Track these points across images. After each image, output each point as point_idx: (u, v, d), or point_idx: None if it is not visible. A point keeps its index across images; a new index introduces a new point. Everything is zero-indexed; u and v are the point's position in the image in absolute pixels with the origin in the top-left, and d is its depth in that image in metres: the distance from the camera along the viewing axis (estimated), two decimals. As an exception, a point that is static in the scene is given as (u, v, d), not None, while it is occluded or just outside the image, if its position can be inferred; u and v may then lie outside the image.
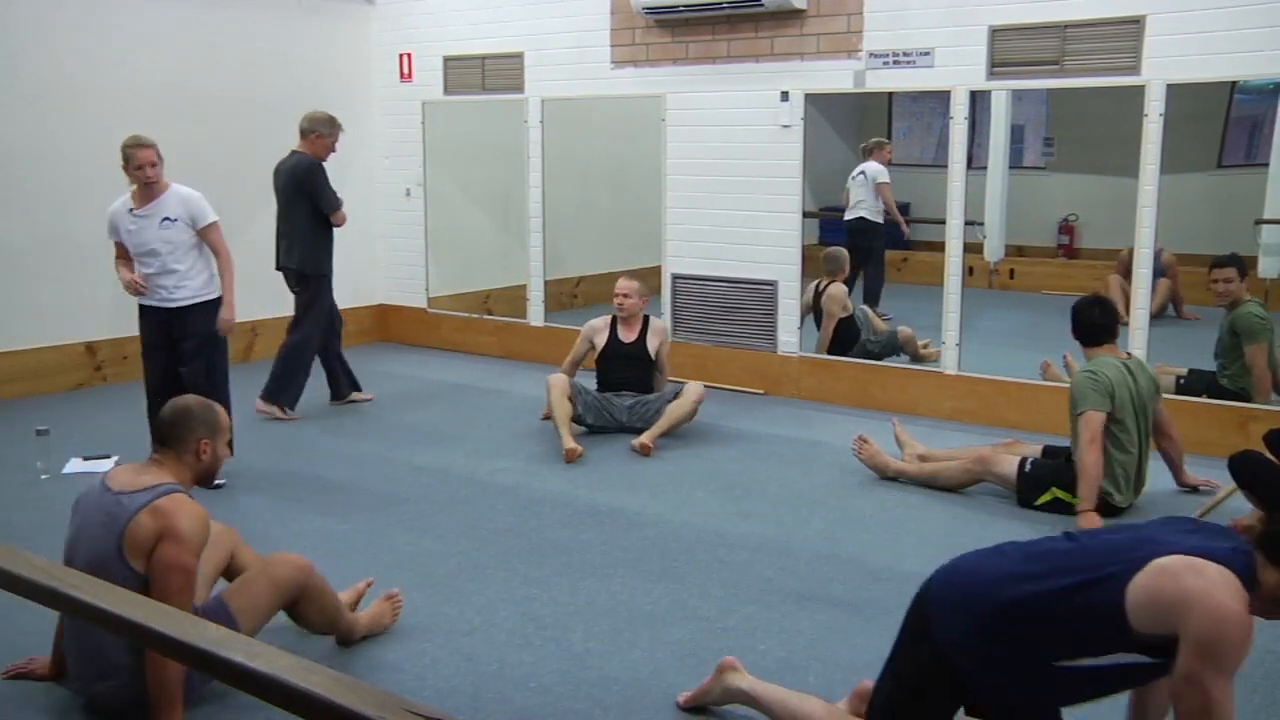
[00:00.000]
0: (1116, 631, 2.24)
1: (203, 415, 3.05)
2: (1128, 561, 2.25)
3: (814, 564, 4.10)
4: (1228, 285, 5.61)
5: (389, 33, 8.33)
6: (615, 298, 5.91)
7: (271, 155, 7.91)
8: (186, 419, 3.03)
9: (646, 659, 3.34)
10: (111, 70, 6.94)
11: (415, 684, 3.18)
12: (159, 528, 2.81)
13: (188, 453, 3.01)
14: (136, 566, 2.82)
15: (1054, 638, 2.32)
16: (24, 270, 6.65)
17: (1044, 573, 2.35)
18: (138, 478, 2.94)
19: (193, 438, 3.02)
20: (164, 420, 3.04)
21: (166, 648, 1.77)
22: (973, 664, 2.41)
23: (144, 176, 4.89)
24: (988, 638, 2.38)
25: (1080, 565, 2.32)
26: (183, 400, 3.12)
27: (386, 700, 1.46)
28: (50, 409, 6.25)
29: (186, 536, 2.82)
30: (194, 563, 2.85)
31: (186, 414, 3.04)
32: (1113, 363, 4.58)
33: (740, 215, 6.84)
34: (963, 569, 2.54)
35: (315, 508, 4.70)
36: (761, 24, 6.61)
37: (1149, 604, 2.20)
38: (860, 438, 5.22)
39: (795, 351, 6.79)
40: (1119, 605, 2.22)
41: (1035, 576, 2.36)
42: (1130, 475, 4.60)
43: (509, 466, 5.33)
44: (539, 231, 7.76)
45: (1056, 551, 2.43)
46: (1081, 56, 5.63)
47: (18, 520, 4.56)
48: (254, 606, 3.10)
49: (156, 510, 2.83)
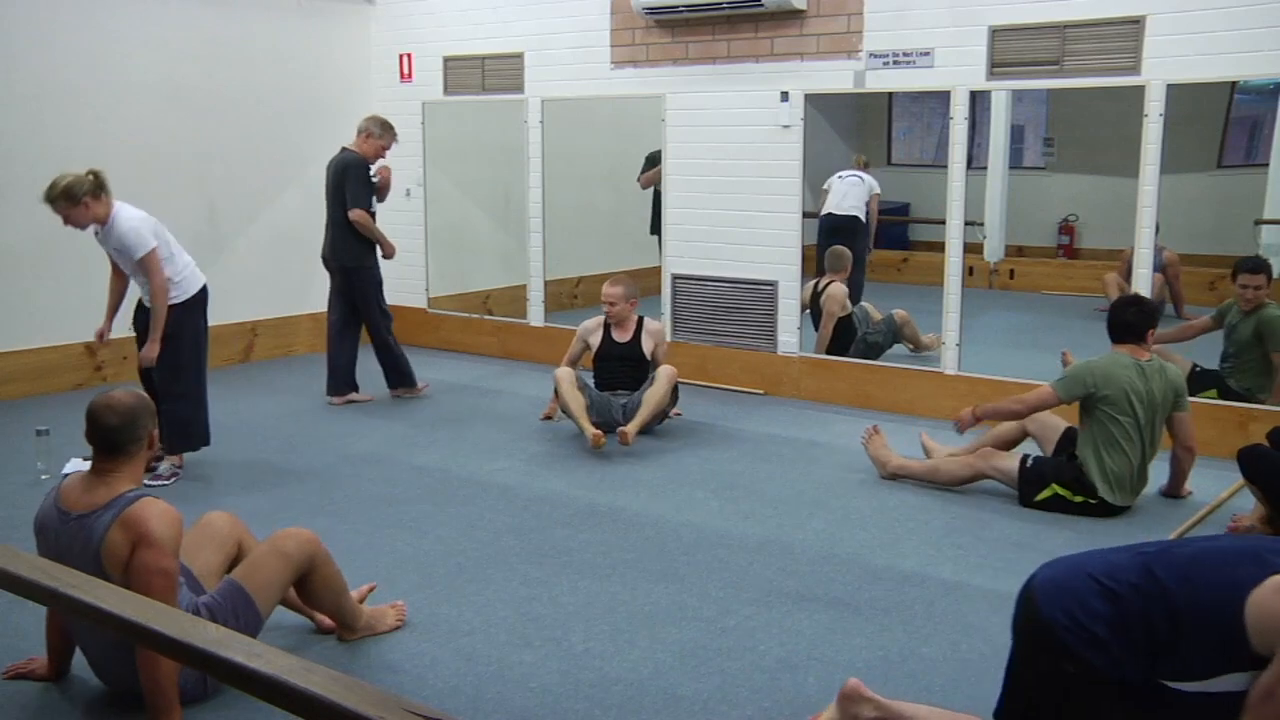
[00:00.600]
0: (1234, 648, 2.12)
1: (143, 405, 2.93)
2: (1244, 576, 2.14)
3: (814, 564, 4.10)
4: (1257, 291, 5.61)
5: (389, 33, 8.33)
6: (602, 304, 5.92)
7: (272, 155, 7.93)
8: (135, 417, 2.89)
9: (646, 659, 3.34)
10: (112, 70, 6.94)
11: (415, 684, 3.18)
12: (131, 538, 2.74)
13: (140, 450, 2.91)
14: (117, 579, 2.73)
15: (1171, 651, 2.20)
16: (24, 271, 6.65)
17: (1157, 587, 2.23)
18: (93, 496, 2.83)
19: (144, 431, 2.92)
20: (111, 426, 2.86)
21: (166, 647, 1.77)
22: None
23: (69, 225, 4.89)
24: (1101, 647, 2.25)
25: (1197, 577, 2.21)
26: (118, 402, 2.90)
27: (386, 700, 1.46)
28: (50, 409, 6.25)
29: (160, 540, 2.75)
30: (173, 564, 2.79)
31: (132, 413, 2.89)
32: (1123, 360, 4.56)
33: (740, 215, 6.84)
34: (1066, 572, 2.39)
35: (315, 507, 4.70)
36: (761, 24, 6.61)
37: (1269, 620, 2.08)
38: (873, 428, 5.24)
39: (795, 352, 6.79)
40: (1238, 621, 2.11)
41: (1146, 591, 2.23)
42: (1124, 476, 4.57)
43: (509, 466, 5.33)
44: (539, 232, 7.76)
45: (1172, 558, 2.29)
46: (1081, 57, 5.63)
47: (18, 520, 4.55)
48: (268, 583, 3.10)
49: (125, 522, 2.76)
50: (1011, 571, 4.01)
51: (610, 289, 5.90)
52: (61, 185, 4.77)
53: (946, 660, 3.33)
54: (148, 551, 2.74)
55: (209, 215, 7.50)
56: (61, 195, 4.76)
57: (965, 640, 3.46)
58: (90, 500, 2.82)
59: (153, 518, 2.76)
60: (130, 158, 7.03)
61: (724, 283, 6.98)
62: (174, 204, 7.31)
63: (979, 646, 3.41)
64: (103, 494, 2.82)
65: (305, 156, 8.11)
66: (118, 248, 4.96)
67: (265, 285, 7.87)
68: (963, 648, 3.41)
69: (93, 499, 2.82)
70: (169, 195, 7.29)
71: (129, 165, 7.02)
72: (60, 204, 4.78)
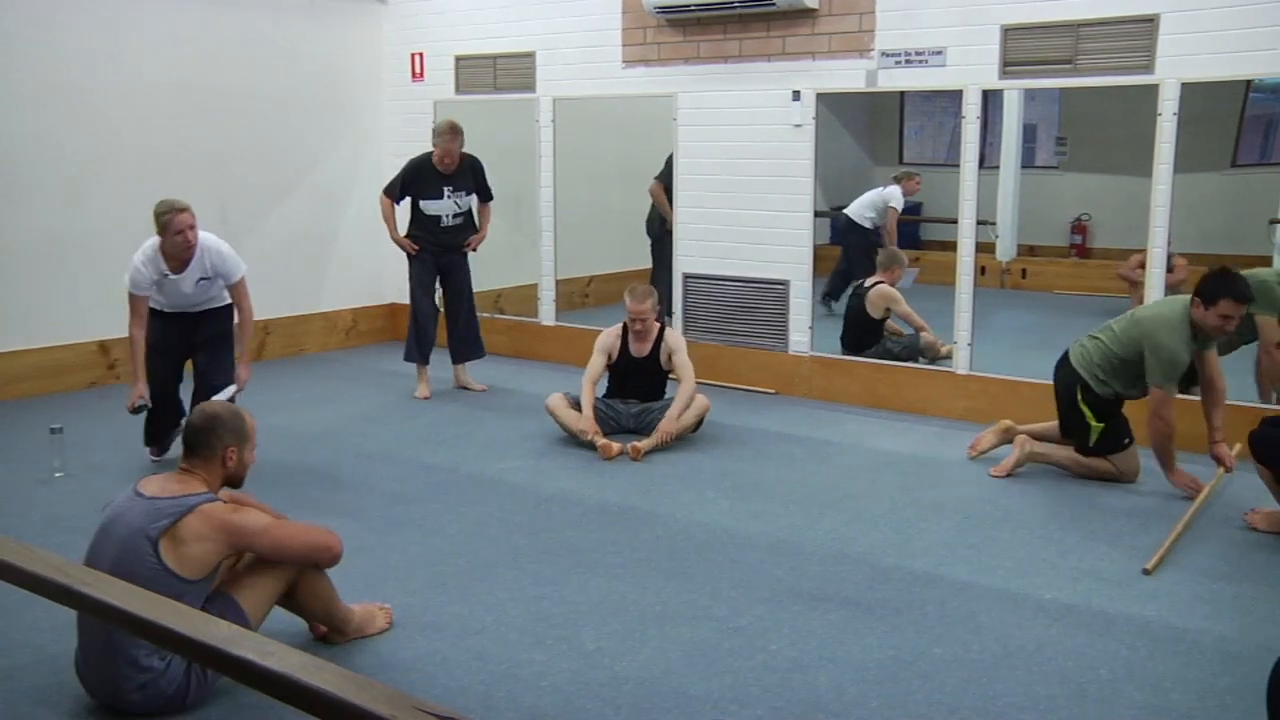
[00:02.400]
0: None
1: (231, 423, 3.11)
2: None
3: (825, 564, 4.10)
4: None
5: (401, 32, 8.34)
6: (632, 321, 5.73)
7: (283, 155, 7.95)
8: (215, 426, 3.09)
9: (658, 658, 3.33)
10: (122, 69, 6.96)
11: (426, 683, 3.18)
12: (214, 528, 2.92)
13: (215, 460, 3.08)
14: (170, 562, 2.87)
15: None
16: (37, 269, 6.68)
17: None
18: (175, 486, 3.01)
19: (220, 445, 3.08)
20: (193, 427, 3.09)
21: (178, 645, 1.77)
22: None
23: (184, 242, 4.85)
24: None
25: None
26: (211, 407, 3.17)
27: (398, 698, 1.46)
28: (64, 407, 6.28)
29: (245, 524, 2.99)
30: (268, 523, 3.05)
31: (215, 421, 3.09)
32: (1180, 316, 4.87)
33: (752, 215, 6.83)
34: None
35: (325, 506, 4.70)
36: (773, 23, 6.60)
37: None
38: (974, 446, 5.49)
39: (807, 351, 6.78)
40: None
41: None
42: None
43: (519, 465, 5.33)
44: (550, 231, 7.77)
45: None
46: (1094, 55, 5.61)
47: (32, 517, 4.58)
48: (262, 599, 3.14)
49: (205, 514, 2.93)
50: (1024, 573, 4.00)
51: (638, 305, 5.67)
52: (182, 203, 4.85)
53: (958, 661, 3.32)
54: (248, 537, 3.00)
55: (220, 214, 7.52)
56: (188, 209, 4.84)
57: (977, 641, 3.45)
58: (170, 490, 3.00)
59: (230, 514, 2.98)
60: (140, 157, 7.06)
61: (736, 282, 6.97)
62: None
63: (991, 647, 3.40)
64: (181, 488, 3.00)
65: (316, 156, 8.15)
66: (211, 274, 4.97)
67: (277, 284, 7.89)
68: (975, 648, 3.40)
69: (173, 490, 3.00)
70: (179, 194, 7.27)
71: (138, 164, 7.06)
72: (190, 213, 4.83)
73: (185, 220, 4.81)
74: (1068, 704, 3.07)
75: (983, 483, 5.08)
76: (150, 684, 2.91)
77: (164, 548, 2.87)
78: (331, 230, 8.31)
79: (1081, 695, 3.11)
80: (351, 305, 8.45)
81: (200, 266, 4.94)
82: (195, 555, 2.91)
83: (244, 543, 3.02)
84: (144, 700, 2.92)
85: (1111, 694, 3.12)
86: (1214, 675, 3.24)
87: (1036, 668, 3.27)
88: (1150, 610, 3.68)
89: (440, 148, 6.62)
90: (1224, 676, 3.23)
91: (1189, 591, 3.84)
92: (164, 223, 4.81)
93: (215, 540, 2.93)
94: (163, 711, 2.96)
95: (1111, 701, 3.08)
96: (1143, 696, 3.11)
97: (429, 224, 6.73)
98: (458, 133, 6.63)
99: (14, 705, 3.06)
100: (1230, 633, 3.52)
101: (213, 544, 2.93)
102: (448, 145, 6.59)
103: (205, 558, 2.93)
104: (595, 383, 5.80)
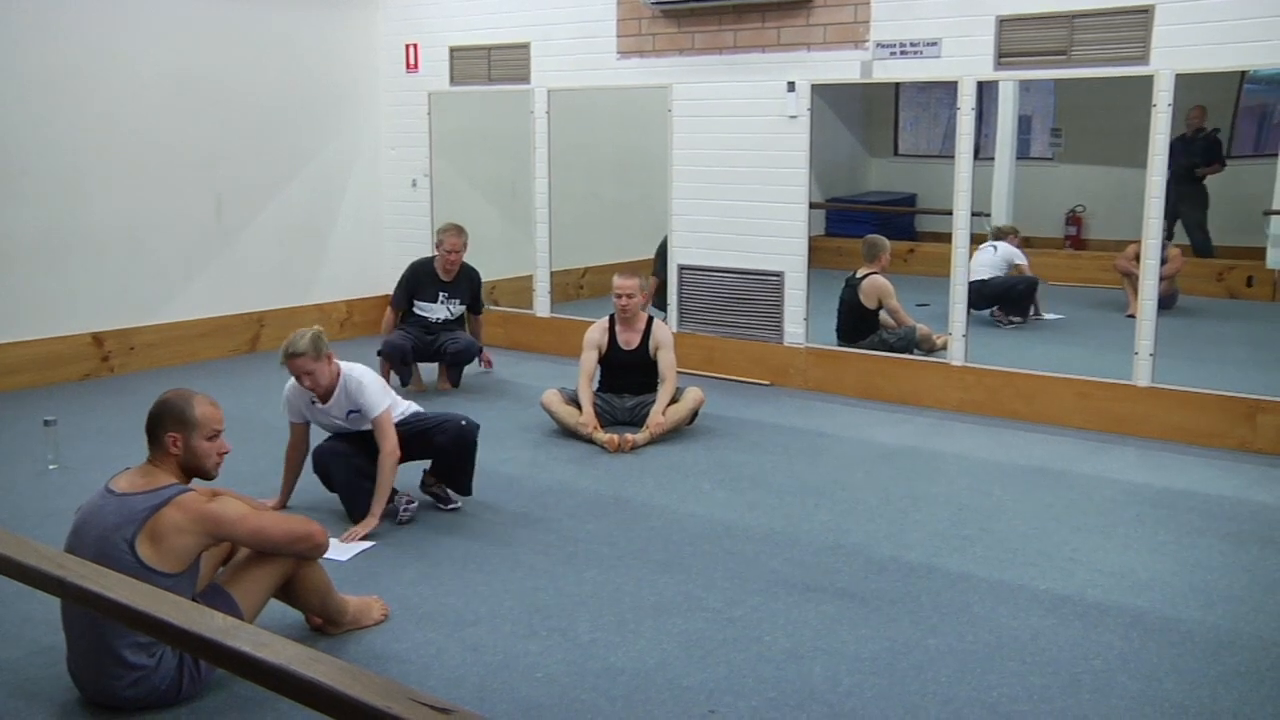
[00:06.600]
0: None
1: (174, 410, 3.06)
2: None
3: (820, 555, 4.10)
4: None
5: (395, 23, 8.32)
6: (616, 299, 5.74)
7: (278, 146, 7.93)
8: (159, 413, 3.07)
9: (652, 649, 3.34)
10: (118, 61, 6.93)
11: (421, 674, 3.19)
12: (191, 518, 2.92)
13: (161, 448, 3.05)
14: (148, 558, 2.85)
15: None
16: (31, 261, 6.66)
17: None
18: (142, 480, 2.99)
19: (162, 431, 3.05)
20: (149, 414, 3.09)
21: (174, 637, 1.77)
22: None
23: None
24: None
25: None
26: (164, 395, 3.13)
27: (392, 690, 1.46)
28: (58, 399, 6.27)
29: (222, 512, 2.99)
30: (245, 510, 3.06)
31: (159, 408, 3.08)
32: None
33: (746, 206, 6.82)
34: None
35: (320, 498, 4.69)
36: (768, 14, 6.59)
37: None
38: None
39: (802, 343, 6.78)
40: None
41: None
42: None
43: (515, 457, 5.33)
44: (545, 222, 7.76)
45: None
46: (1089, 47, 5.61)
47: (26, 510, 4.57)
48: (256, 591, 3.13)
49: (181, 505, 2.92)
50: (1018, 564, 4.01)
51: (624, 280, 5.71)
52: (309, 337, 4.23)
53: (953, 651, 3.33)
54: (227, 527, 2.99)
55: (216, 206, 7.51)
56: (310, 346, 4.20)
57: (971, 632, 3.46)
58: (141, 485, 2.98)
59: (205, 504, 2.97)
60: (137, 148, 7.04)
61: (730, 273, 6.97)
62: (181, 195, 7.35)
63: (985, 638, 3.41)
64: (151, 483, 2.99)
65: (312, 147, 8.12)
66: (355, 408, 4.39)
67: (272, 276, 7.88)
68: (969, 639, 3.41)
69: (143, 485, 2.98)
70: (176, 186, 7.31)
71: (136, 156, 7.04)
72: (307, 358, 4.21)
73: (300, 365, 4.26)
74: (1061, 694, 3.08)
75: (977, 474, 5.09)
76: (142, 680, 2.92)
77: (140, 545, 2.86)
78: (326, 222, 8.29)
79: (1075, 685, 3.13)
80: (346, 297, 8.45)
81: (345, 399, 4.40)
82: (174, 548, 2.89)
83: (222, 531, 3.00)
84: (136, 696, 2.93)
85: (1105, 684, 3.13)
86: (1206, 665, 3.25)
87: (1030, 658, 3.28)
88: (1143, 601, 3.69)
89: (446, 243, 6.65)
90: (1216, 666, 3.25)
91: (1182, 582, 3.86)
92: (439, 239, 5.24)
93: (193, 532, 2.92)
94: (157, 706, 2.96)
95: (1105, 691, 3.09)
96: (1136, 686, 3.12)
97: (419, 321, 6.75)
98: (462, 232, 6.69)
99: (7, 698, 3.06)
100: (1222, 623, 3.53)
101: (191, 535, 2.92)
102: (453, 241, 6.64)
103: (184, 550, 2.92)
104: (591, 378, 5.80)
